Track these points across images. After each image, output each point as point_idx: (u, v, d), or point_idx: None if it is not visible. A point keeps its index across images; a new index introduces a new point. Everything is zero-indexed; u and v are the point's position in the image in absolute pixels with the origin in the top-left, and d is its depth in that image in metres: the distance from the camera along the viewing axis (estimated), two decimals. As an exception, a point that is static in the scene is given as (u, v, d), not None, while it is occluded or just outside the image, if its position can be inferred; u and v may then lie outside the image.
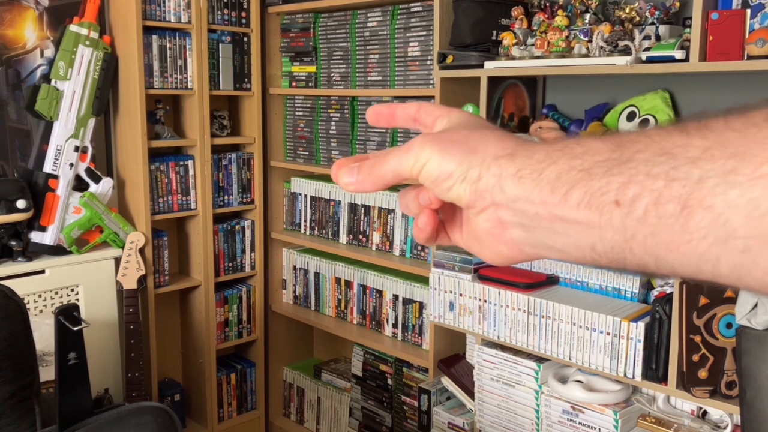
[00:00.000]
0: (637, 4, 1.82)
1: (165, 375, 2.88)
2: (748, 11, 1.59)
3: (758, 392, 1.53)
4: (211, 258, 2.78)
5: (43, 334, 2.16)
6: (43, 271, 2.34)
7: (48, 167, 2.38)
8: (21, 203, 2.25)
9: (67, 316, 1.77)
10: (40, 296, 2.35)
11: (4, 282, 1.90)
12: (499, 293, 2.01)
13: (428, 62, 2.34)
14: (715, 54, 1.60)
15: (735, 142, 0.30)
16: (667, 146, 0.32)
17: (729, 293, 1.66)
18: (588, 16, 1.91)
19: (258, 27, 2.81)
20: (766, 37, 1.53)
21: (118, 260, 2.50)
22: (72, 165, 2.41)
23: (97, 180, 2.48)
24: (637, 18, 1.81)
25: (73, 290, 2.42)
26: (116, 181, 2.62)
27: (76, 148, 2.42)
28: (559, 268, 2.05)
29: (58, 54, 2.37)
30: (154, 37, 2.51)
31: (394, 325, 2.61)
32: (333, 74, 2.70)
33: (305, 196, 2.92)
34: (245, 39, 2.79)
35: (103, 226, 2.47)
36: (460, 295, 2.10)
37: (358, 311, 2.75)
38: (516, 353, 2.02)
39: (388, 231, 2.60)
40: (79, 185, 2.45)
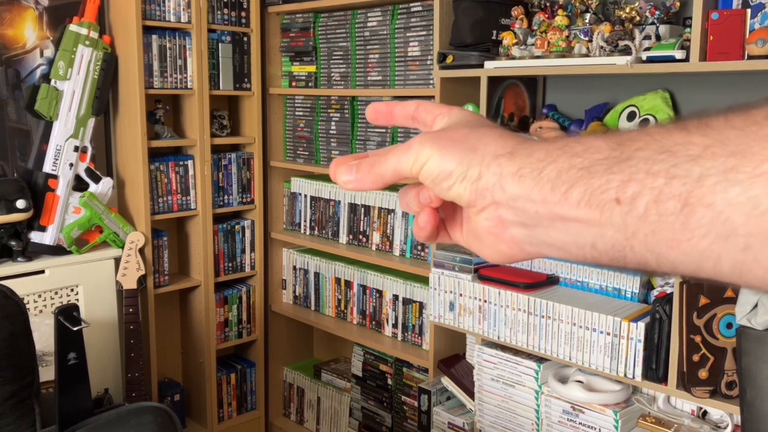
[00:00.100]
0: (637, 4, 1.82)
1: (165, 375, 2.88)
2: (749, 11, 1.59)
3: (758, 392, 1.53)
4: (211, 258, 2.78)
5: (43, 334, 2.16)
6: (42, 271, 2.34)
7: (48, 167, 2.38)
8: (21, 203, 2.25)
9: (67, 316, 1.77)
10: (40, 296, 2.35)
11: (4, 282, 1.90)
12: (499, 293, 2.01)
13: (428, 62, 2.34)
14: (716, 54, 1.60)
15: (736, 140, 0.30)
16: (668, 144, 0.32)
17: (729, 293, 1.66)
18: (588, 15, 1.91)
19: (258, 27, 2.81)
20: (766, 37, 1.53)
21: (117, 260, 2.50)
22: (72, 165, 2.41)
23: (96, 180, 2.48)
24: (638, 18, 1.81)
25: (72, 290, 2.42)
26: (116, 181, 2.62)
27: (76, 148, 2.42)
28: (559, 268, 2.05)
29: (58, 54, 2.36)
30: (154, 36, 2.51)
31: (394, 325, 2.61)
32: (333, 74, 2.70)
33: (305, 196, 2.92)
34: (245, 39, 2.79)
35: (103, 226, 2.47)
36: (460, 295, 2.10)
37: (358, 311, 2.75)
38: (516, 353, 2.02)
39: (388, 231, 2.59)
40: (79, 185, 2.45)
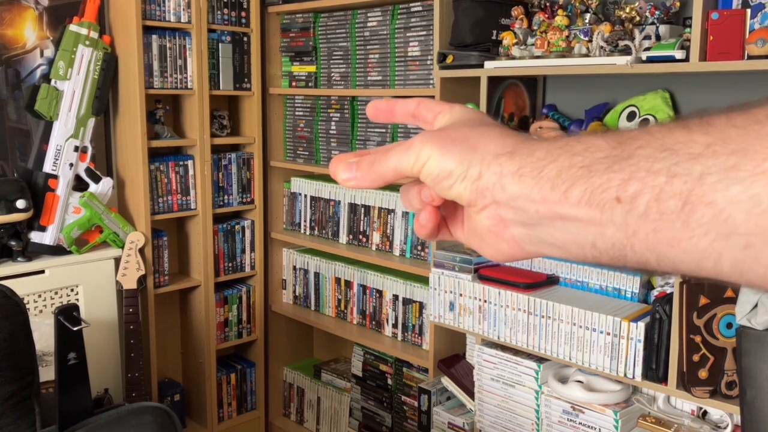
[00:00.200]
0: (637, 4, 1.82)
1: (165, 375, 2.88)
2: (748, 11, 1.59)
3: (758, 392, 1.53)
4: (211, 258, 2.78)
5: (43, 334, 2.16)
6: (42, 271, 2.34)
7: (48, 167, 2.38)
8: (21, 203, 2.25)
9: (67, 316, 1.77)
10: (40, 296, 2.35)
11: (4, 282, 1.90)
12: (499, 293, 2.01)
13: (428, 62, 2.34)
14: (715, 54, 1.60)
15: (737, 138, 0.30)
16: (669, 142, 0.32)
17: (729, 293, 1.66)
18: (588, 15, 1.91)
19: (258, 27, 2.81)
20: (766, 37, 1.53)
21: (117, 260, 2.50)
22: (72, 165, 2.41)
23: (96, 180, 2.47)
24: (638, 18, 1.81)
25: (72, 290, 2.42)
26: (116, 181, 2.61)
27: (76, 148, 2.42)
28: (560, 268, 2.05)
29: (58, 54, 2.36)
30: (154, 36, 2.51)
31: (394, 325, 2.61)
32: (333, 74, 2.69)
33: (305, 196, 2.92)
34: (245, 39, 2.79)
35: (103, 226, 2.47)
36: (460, 295, 2.10)
37: (358, 311, 2.75)
38: (516, 353, 2.02)
39: (388, 231, 2.59)
40: (79, 185, 2.45)
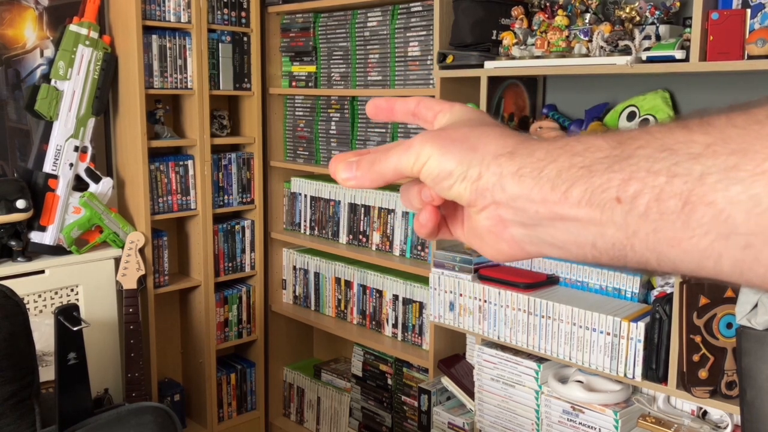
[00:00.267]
0: (637, 4, 1.82)
1: (165, 375, 2.88)
2: (748, 11, 1.59)
3: (758, 392, 1.53)
4: (211, 258, 2.78)
5: (43, 334, 2.16)
6: (42, 271, 2.34)
7: (48, 167, 2.38)
8: (21, 203, 2.25)
9: (67, 316, 1.77)
10: (40, 296, 2.35)
11: (4, 282, 1.90)
12: (499, 293, 2.01)
13: (428, 62, 2.34)
14: (715, 54, 1.60)
15: (737, 138, 0.30)
16: (669, 142, 0.32)
17: (729, 293, 1.66)
18: (588, 15, 1.91)
19: (258, 27, 2.81)
20: (766, 37, 1.53)
21: (117, 260, 2.50)
22: (72, 165, 2.41)
23: (96, 180, 2.47)
24: (638, 18, 1.81)
25: (72, 290, 2.42)
26: (116, 181, 2.61)
27: (76, 148, 2.42)
28: (559, 268, 2.05)
29: (58, 54, 2.36)
30: (154, 36, 2.51)
31: (394, 325, 2.61)
32: (333, 74, 2.69)
33: (305, 196, 2.92)
34: (245, 39, 2.79)
35: (103, 226, 2.47)
36: (460, 295, 2.10)
37: (358, 311, 2.75)
38: (516, 353, 2.02)
39: (388, 231, 2.59)
40: (79, 185, 2.45)
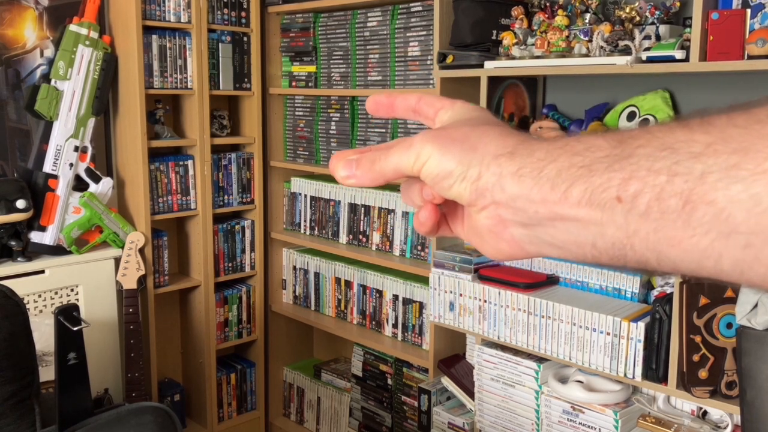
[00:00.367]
0: (637, 4, 1.82)
1: (165, 375, 2.88)
2: (748, 11, 1.59)
3: (758, 392, 1.53)
4: (211, 258, 2.78)
5: (43, 334, 2.16)
6: (42, 271, 2.34)
7: (48, 167, 2.38)
8: (21, 203, 2.25)
9: (67, 316, 1.77)
10: (40, 296, 2.35)
11: (4, 282, 1.90)
12: (499, 293, 2.01)
13: (428, 62, 2.34)
14: (715, 54, 1.60)
15: (738, 137, 0.30)
16: (670, 141, 0.32)
17: (729, 293, 1.66)
18: (588, 15, 1.91)
19: (258, 27, 2.81)
20: (766, 37, 1.53)
21: (117, 260, 2.50)
22: (72, 165, 2.41)
23: (96, 180, 2.47)
24: (638, 18, 1.81)
25: (72, 290, 2.42)
26: (116, 181, 2.61)
27: (76, 148, 2.42)
28: (559, 268, 2.05)
29: (58, 54, 2.36)
30: (154, 36, 2.51)
31: (394, 325, 2.61)
32: (333, 74, 2.69)
33: (305, 196, 2.92)
34: (245, 39, 2.79)
35: (103, 226, 2.47)
36: (460, 295, 2.10)
37: (358, 311, 2.75)
38: (516, 353, 2.02)
39: (388, 231, 2.59)
40: (79, 185, 2.45)
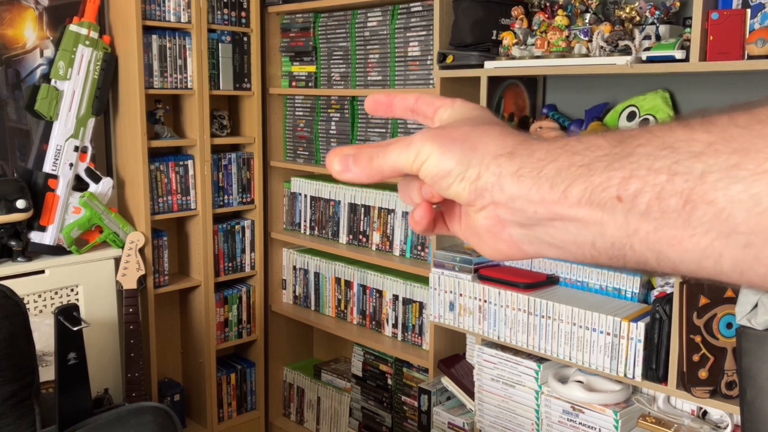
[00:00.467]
0: (637, 4, 1.82)
1: (165, 375, 2.87)
2: (748, 11, 1.59)
3: (758, 392, 1.53)
4: (211, 258, 2.77)
5: (43, 334, 2.16)
6: (42, 271, 2.34)
7: (48, 167, 2.37)
8: (21, 203, 2.25)
9: (67, 316, 1.77)
10: (40, 296, 2.35)
11: (3, 282, 1.90)
12: (499, 293, 2.00)
13: (428, 62, 2.34)
14: (716, 54, 1.60)
15: (739, 137, 0.30)
16: (670, 140, 0.32)
17: (729, 293, 1.66)
18: (588, 15, 1.90)
19: (258, 27, 2.81)
20: (766, 37, 1.53)
21: (117, 260, 2.50)
22: (72, 165, 2.41)
23: (96, 180, 2.47)
24: (638, 18, 1.81)
25: (72, 290, 2.42)
26: (116, 181, 2.61)
27: (76, 148, 2.42)
28: (559, 268, 2.04)
29: (58, 54, 2.36)
30: (154, 36, 2.51)
31: (394, 325, 2.61)
32: (333, 74, 2.69)
33: (305, 196, 2.92)
34: (245, 39, 2.79)
35: (103, 226, 2.47)
36: (460, 295, 2.10)
37: (358, 311, 2.75)
38: (516, 353, 2.02)
39: (388, 231, 2.59)
40: (79, 185, 2.45)
